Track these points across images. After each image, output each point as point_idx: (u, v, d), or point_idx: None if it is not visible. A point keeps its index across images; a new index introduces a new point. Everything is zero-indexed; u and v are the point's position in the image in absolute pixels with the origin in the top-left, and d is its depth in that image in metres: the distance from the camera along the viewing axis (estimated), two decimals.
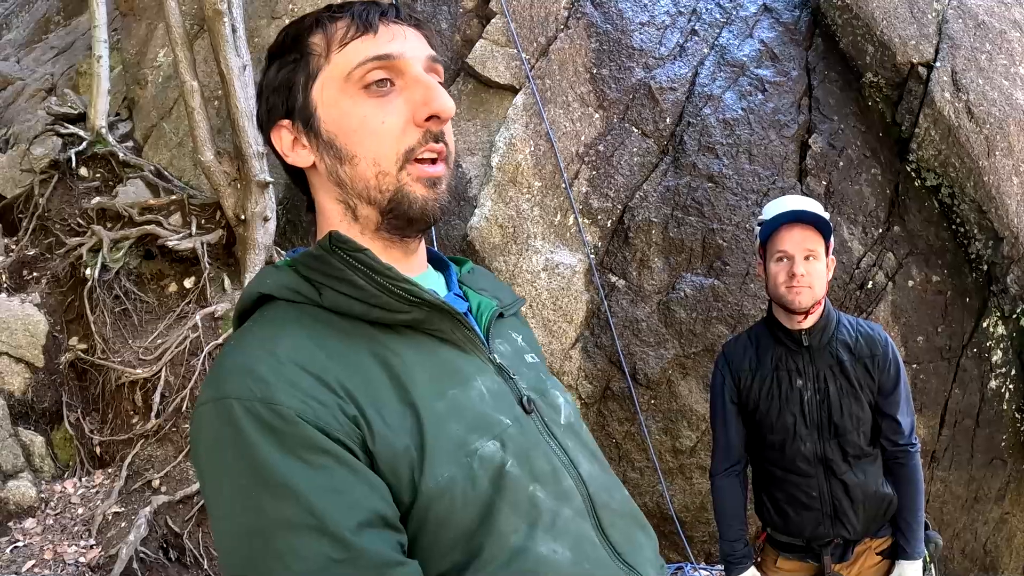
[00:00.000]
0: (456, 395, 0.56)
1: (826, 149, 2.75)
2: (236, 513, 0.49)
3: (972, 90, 2.78)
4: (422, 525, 0.52)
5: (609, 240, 2.55)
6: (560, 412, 0.65)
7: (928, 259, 2.78)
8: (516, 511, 0.54)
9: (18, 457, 2.67)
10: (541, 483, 0.56)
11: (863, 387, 1.47)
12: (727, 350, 1.60)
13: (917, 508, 1.51)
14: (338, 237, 0.56)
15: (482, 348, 0.61)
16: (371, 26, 0.58)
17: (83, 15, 4.48)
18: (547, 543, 0.55)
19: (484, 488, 0.53)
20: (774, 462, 1.52)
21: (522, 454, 0.57)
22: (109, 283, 3.19)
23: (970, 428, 2.74)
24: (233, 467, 0.49)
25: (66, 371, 3.02)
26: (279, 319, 0.56)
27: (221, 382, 0.52)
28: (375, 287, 0.55)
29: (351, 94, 0.57)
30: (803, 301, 1.43)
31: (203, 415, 0.52)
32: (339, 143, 0.58)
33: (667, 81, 2.75)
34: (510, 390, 0.61)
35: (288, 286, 0.58)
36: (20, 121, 4.37)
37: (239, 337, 0.56)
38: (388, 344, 0.56)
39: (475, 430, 0.55)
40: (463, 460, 0.53)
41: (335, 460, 0.49)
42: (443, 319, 0.58)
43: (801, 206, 1.47)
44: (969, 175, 2.74)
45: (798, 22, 3.00)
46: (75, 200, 3.54)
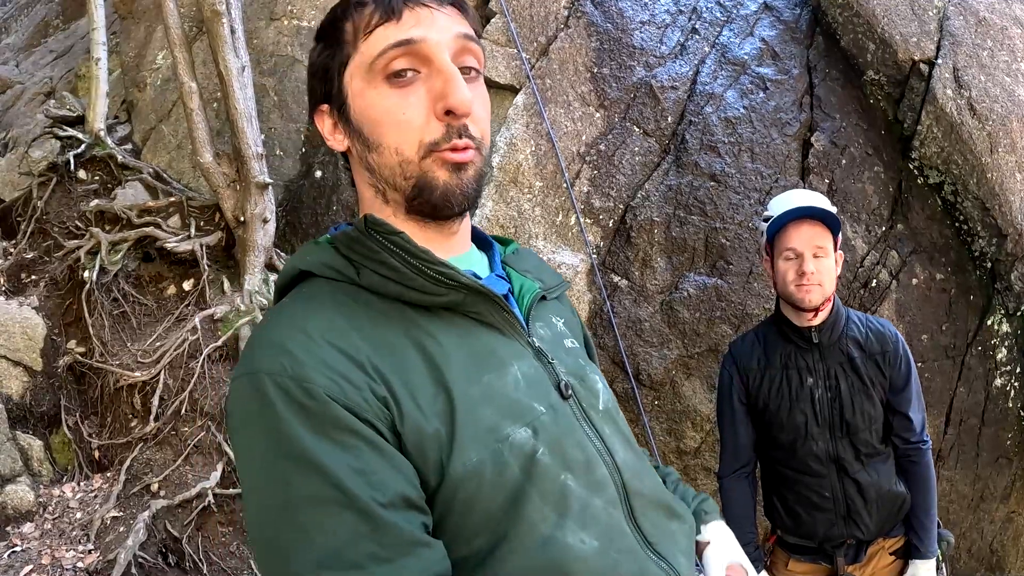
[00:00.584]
0: (491, 380, 0.55)
1: (828, 147, 2.74)
2: (264, 486, 0.49)
3: (974, 87, 2.77)
4: (448, 508, 0.52)
5: (611, 240, 2.54)
6: (599, 397, 0.64)
7: (932, 257, 2.77)
8: (546, 500, 0.54)
9: (16, 461, 2.65)
10: (573, 472, 0.56)
11: (875, 384, 1.44)
12: (734, 349, 1.58)
13: (930, 506, 1.48)
14: (373, 220, 0.56)
15: (521, 331, 0.60)
16: (394, 11, 0.57)
17: (82, 19, 4.47)
18: (575, 533, 0.54)
19: (514, 475, 0.53)
20: (784, 462, 1.50)
21: (555, 442, 0.56)
22: (107, 286, 3.17)
23: (975, 427, 2.72)
24: (262, 440, 0.49)
25: (64, 374, 3.01)
26: (315, 296, 0.57)
27: (254, 356, 0.52)
28: (411, 269, 0.55)
29: (375, 84, 0.57)
30: (813, 299, 1.41)
31: (236, 389, 0.52)
32: (366, 132, 0.58)
33: (668, 80, 2.74)
34: (548, 375, 0.60)
35: (327, 264, 0.58)
36: (19, 124, 4.36)
37: (275, 313, 0.56)
38: (425, 326, 0.55)
39: (508, 416, 0.54)
40: (494, 446, 0.53)
41: (362, 440, 0.49)
42: (481, 301, 0.58)
43: (809, 201, 1.45)
44: (972, 172, 2.73)
45: (799, 20, 2.99)
46: (74, 203, 3.53)
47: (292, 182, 3.04)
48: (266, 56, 3.13)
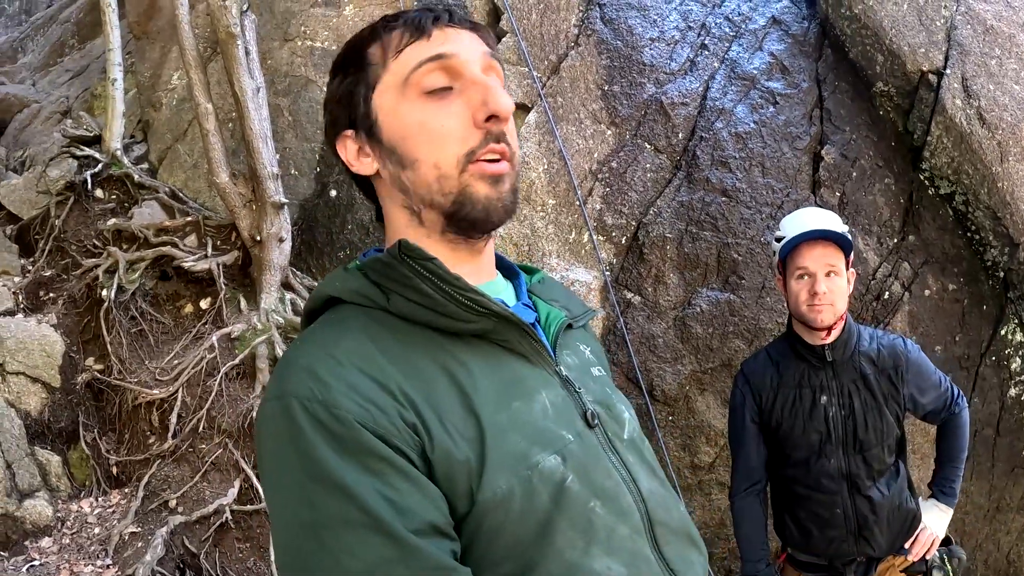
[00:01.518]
0: (519, 408, 0.56)
1: (839, 160, 2.75)
2: (292, 508, 0.49)
3: (983, 96, 2.77)
4: (476, 534, 0.52)
5: (624, 257, 2.56)
6: (624, 427, 0.64)
7: (944, 268, 2.77)
8: (574, 527, 0.54)
9: (34, 476, 2.69)
10: (601, 499, 0.56)
11: (888, 399, 1.46)
12: (747, 369, 1.60)
13: (954, 456, 1.55)
14: (407, 245, 0.56)
15: (549, 360, 0.61)
16: (424, 31, 0.58)
17: (97, 39, 4.55)
18: (602, 559, 0.55)
19: (543, 503, 0.53)
20: (797, 480, 1.51)
21: (583, 470, 0.56)
22: (125, 304, 3.22)
23: (990, 437, 2.71)
24: (292, 463, 0.49)
25: (82, 391, 3.05)
26: (343, 322, 0.57)
27: (284, 380, 0.52)
28: (443, 296, 0.55)
29: (410, 99, 0.58)
30: (825, 319, 1.42)
31: (266, 412, 0.53)
32: (400, 149, 0.58)
33: (678, 96, 2.76)
34: (574, 404, 0.60)
35: (356, 290, 0.58)
36: (36, 143, 4.44)
37: (304, 338, 0.57)
38: (454, 352, 0.56)
39: (537, 443, 0.55)
40: (523, 473, 0.53)
41: (391, 467, 0.49)
42: (510, 330, 0.58)
43: (820, 222, 1.47)
44: (983, 181, 2.73)
45: (807, 33, 3.01)
46: (91, 221, 3.59)
47: (307, 201, 3.08)
48: (280, 77, 3.18)
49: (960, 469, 1.54)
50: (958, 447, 1.54)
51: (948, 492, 1.54)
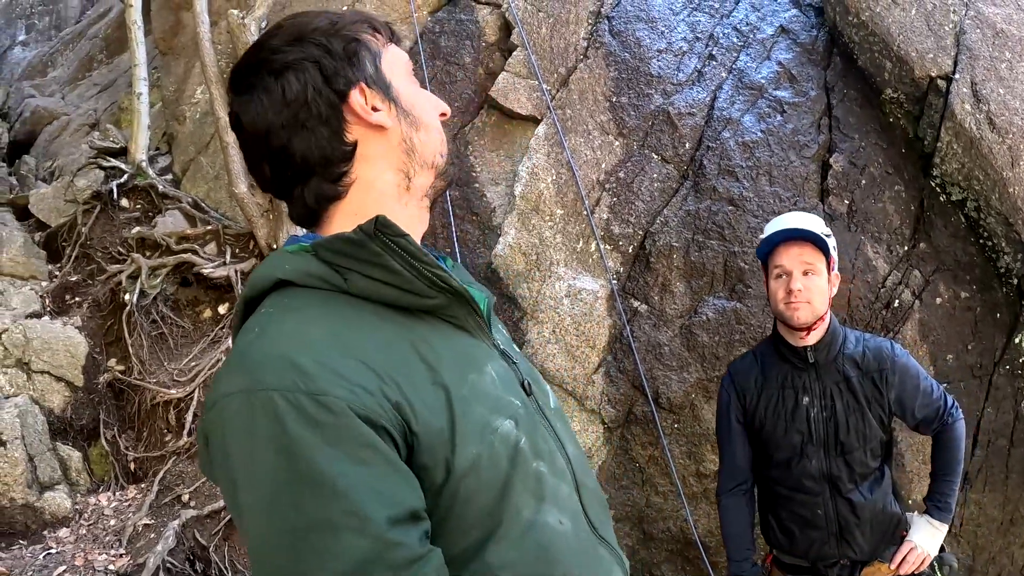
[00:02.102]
0: (475, 379, 0.58)
1: (847, 168, 2.75)
2: (274, 511, 0.48)
3: (993, 100, 2.75)
4: (452, 502, 0.54)
5: (631, 265, 2.59)
6: (549, 397, 0.70)
7: (956, 275, 2.75)
8: (527, 486, 0.57)
9: (55, 470, 2.81)
10: (543, 460, 0.60)
11: (871, 403, 1.46)
12: (732, 369, 1.62)
13: (948, 470, 1.51)
14: (384, 222, 0.57)
15: (488, 335, 0.65)
16: (399, 39, 0.71)
17: (125, 54, 4.73)
18: (553, 514, 0.58)
19: (503, 465, 0.56)
20: (780, 481, 1.53)
21: (529, 433, 0.60)
22: (147, 308, 3.34)
23: (1004, 448, 2.68)
24: (272, 463, 0.48)
25: (104, 390, 3.18)
26: (307, 306, 0.55)
27: (254, 371, 0.50)
28: (411, 272, 0.57)
29: (412, 80, 0.69)
30: (802, 316, 1.44)
31: (231, 406, 0.50)
32: (415, 112, 0.66)
33: (686, 106, 2.79)
34: (514, 374, 0.65)
35: (311, 272, 0.57)
36: (65, 154, 4.62)
37: (264, 324, 0.54)
38: (414, 328, 0.58)
39: (494, 411, 0.58)
40: (488, 438, 0.56)
41: (377, 454, 0.49)
42: (461, 306, 0.61)
43: (798, 223, 1.49)
44: (994, 187, 2.70)
45: (815, 42, 3.02)
46: (116, 229, 3.73)
47: None
48: None
49: (955, 483, 1.50)
50: (952, 460, 1.50)
51: (942, 507, 1.50)
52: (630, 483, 2.46)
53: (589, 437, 2.42)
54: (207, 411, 0.53)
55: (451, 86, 2.92)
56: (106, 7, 5.78)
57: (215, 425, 0.52)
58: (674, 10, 3.01)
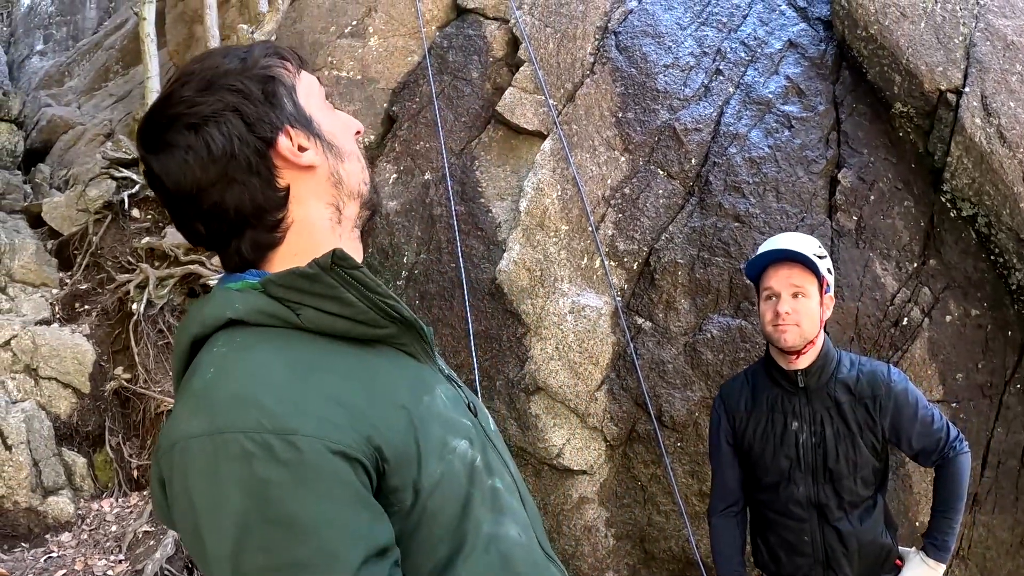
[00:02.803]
0: (428, 401, 0.60)
1: (856, 183, 2.73)
2: (243, 554, 0.47)
3: (1003, 114, 2.71)
4: (420, 522, 0.55)
5: (635, 282, 2.58)
6: (489, 420, 0.72)
7: (966, 292, 2.71)
8: (484, 501, 0.59)
9: (60, 475, 2.85)
10: (496, 477, 0.63)
11: (863, 430, 1.43)
12: (723, 391, 1.61)
13: (947, 507, 1.44)
14: (340, 255, 0.57)
15: (435, 360, 0.67)
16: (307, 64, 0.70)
17: (140, 65, 4.80)
18: (511, 527, 0.60)
19: (462, 482, 0.58)
20: (768, 505, 1.51)
21: (482, 451, 0.63)
22: (153, 318, 3.39)
23: (1014, 469, 2.64)
24: (239, 506, 0.47)
25: (110, 398, 3.23)
26: (262, 343, 0.55)
27: (215, 414, 0.49)
28: (366, 303, 0.58)
29: (326, 106, 0.68)
30: (789, 339, 1.41)
31: (194, 449, 0.49)
32: (337, 143, 0.65)
33: (692, 122, 2.78)
34: (461, 397, 0.67)
35: (262, 310, 0.56)
36: (79, 163, 4.70)
37: (221, 363, 0.53)
38: (366, 359, 0.58)
39: (449, 431, 0.60)
40: (447, 457, 0.58)
41: (348, 491, 0.49)
42: (409, 334, 0.63)
43: (788, 244, 1.47)
44: (1005, 202, 2.67)
45: (824, 56, 3.00)
46: (126, 239, 3.79)
47: None
48: None
49: (955, 521, 1.43)
50: (953, 496, 1.43)
51: (940, 546, 1.43)
52: (632, 501, 2.45)
53: (591, 455, 2.42)
54: (163, 453, 0.52)
55: (458, 101, 2.94)
56: (123, 19, 5.88)
57: (175, 468, 0.50)
58: (681, 25, 3.01)
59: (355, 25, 3.31)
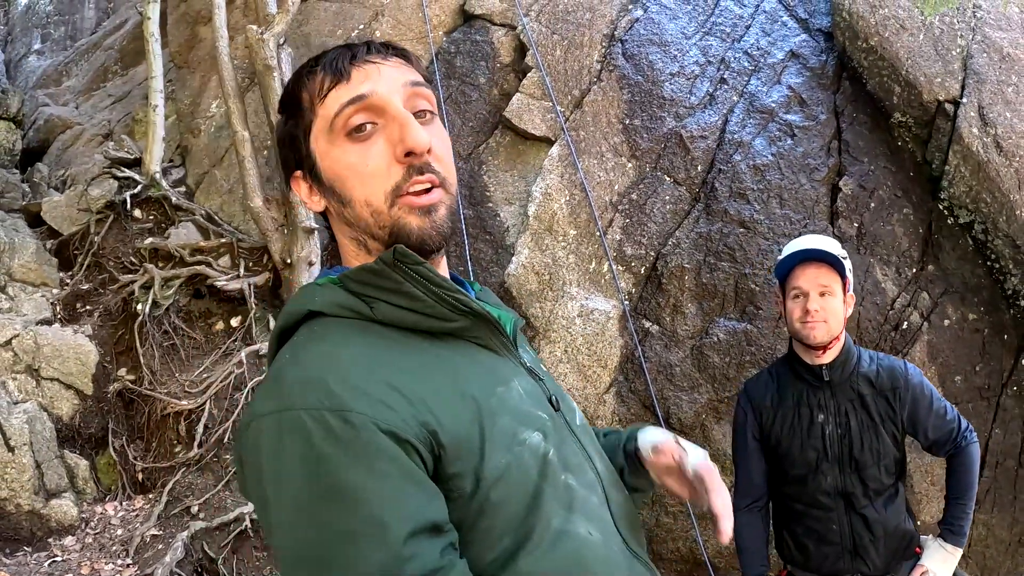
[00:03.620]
0: (502, 392, 0.60)
1: (857, 191, 2.79)
2: (300, 525, 0.50)
3: (1000, 124, 2.78)
4: (481, 511, 0.55)
5: (643, 286, 2.62)
6: (576, 414, 0.71)
7: (964, 297, 2.77)
8: (557, 496, 0.59)
9: (62, 478, 2.81)
10: (572, 473, 0.62)
11: (884, 421, 1.50)
12: (748, 387, 1.65)
13: (961, 493, 1.52)
14: (402, 251, 0.58)
15: (514, 353, 0.67)
16: (343, 73, 0.61)
17: (139, 66, 4.78)
18: (583, 524, 0.59)
19: (532, 475, 0.58)
20: (795, 497, 1.55)
21: (557, 446, 0.62)
22: (159, 319, 3.36)
23: (1012, 469, 2.69)
24: (297, 479, 0.50)
25: (113, 400, 3.19)
26: (335, 333, 0.58)
27: (284, 394, 0.53)
28: (432, 297, 0.59)
29: (338, 143, 0.61)
30: (818, 336, 1.47)
31: (263, 426, 0.52)
32: (338, 188, 0.62)
33: (697, 129, 2.83)
34: (541, 390, 0.66)
35: (339, 303, 0.59)
36: (78, 163, 4.66)
37: (296, 351, 0.57)
38: (438, 351, 0.60)
39: (522, 423, 0.59)
40: (516, 449, 0.57)
41: (397, 467, 0.51)
42: (484, 327, 0.63)
43: (815, 245, 1.52)
44: (1001, 209, 2.73)
45: (825, 66, 3.06)
46: (128, 240, 3.76)
47: None
48: None
49: (969, 507, 1.51)
50: (966, 483, 1.52)
51: (956, 531, 1.51)
52: (640, 503, 2.47)
53: None
54: (241, 432, 0.56)
55: (466, 106, 2.96)
56: (122, 19, 5.85)
57: (249, 446, 0.54)
58: (686, 34, 3.06)
59: (362, 29, 3.33)
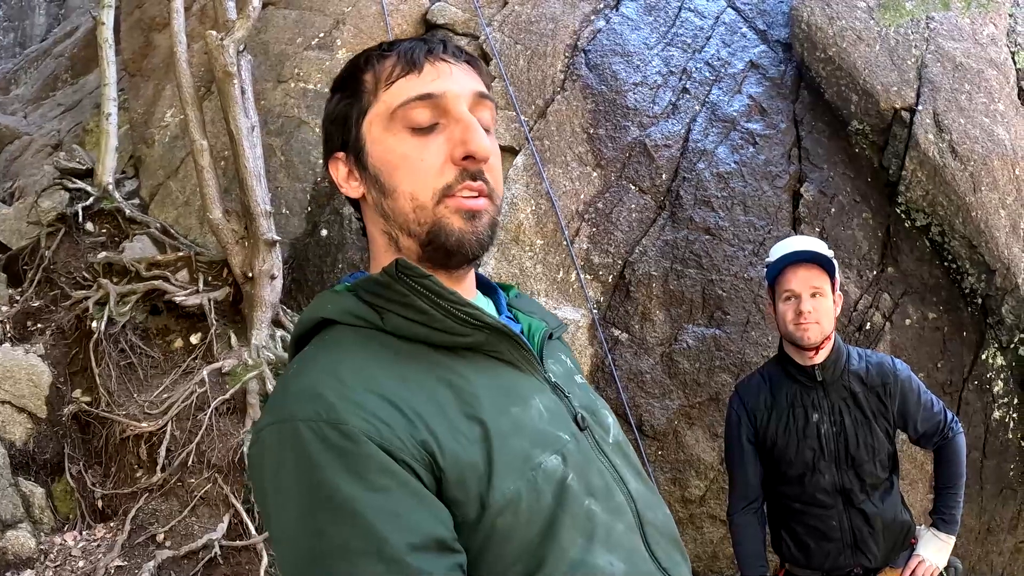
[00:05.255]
0: (518, 413, 0.57)
1: (817, 197, 2.84)
2: (299, 536, 0.49)
3: (954, 130, 2.88)
4: (488, 538, 0.52)
5: (611, 295, 2.61)
6: (609, 431, 0.66)
7: (923, 297, 2.84)
8: (576, 525, 0.55)
9: (17, 507, 2.65)
10: (596, 498, 0.58)
11: (877, 417, 1.52)
12: (741, 390, 1.65)
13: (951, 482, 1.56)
14: (404, 264, 0.57)
15: (538, 368, 0.63)
16: (416, 64, 0.60)
17: (90, 74, 4.61)
18: (604, 555, 0.55)
19: (548, 502, 0.54)
20: (793, 496, 1.56)
21: (580, 469, 0.58)
22: (115, 336, 3.21)
23: (977, 460, 2.77)
24: (296, 489, 0.49)
25: (69, 423, 3.02)
26: (342, 343, 0.57)
27: (285, 405, 0.52)
28: (440, 311, 0.57)
29: (395, 132, 0.59)
30: (812, 336, 1.48)
31: (265, 438, 0.52)
32: (382, 177, 0.60)
33: (661, 138, 2.84)
34: (566, 408, 0.62)
35: (350, 311, 0.59)
36: (26, 175, 4.45)
37: (301, 362, 0.57)
38: (451, 366, 0.57)
39: (538, 445, 0.56)
40: (528, 474, 0.54)
41: (397, 482, 0.50)
42: (502, 340, 0.60)
43: (805, 246, 1.54)
44: (957, 212, 2.82)
45: (784, 76, 3.12)
46: (81, 254, 3.59)
47: (298, 240, 3.11)
48: (273, 117, 3.24)
49: (959, 496, 1.55)
50: (954, 473, 1.55)
51: (948, 520, 1.55)
52: None
53: None
54: (251, 446, 0.56)
55: None
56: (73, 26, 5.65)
57: (254, 457, 0.54)
58: (648, 45, 3.09)
59: (322, 37, 3.27)
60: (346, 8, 3.32)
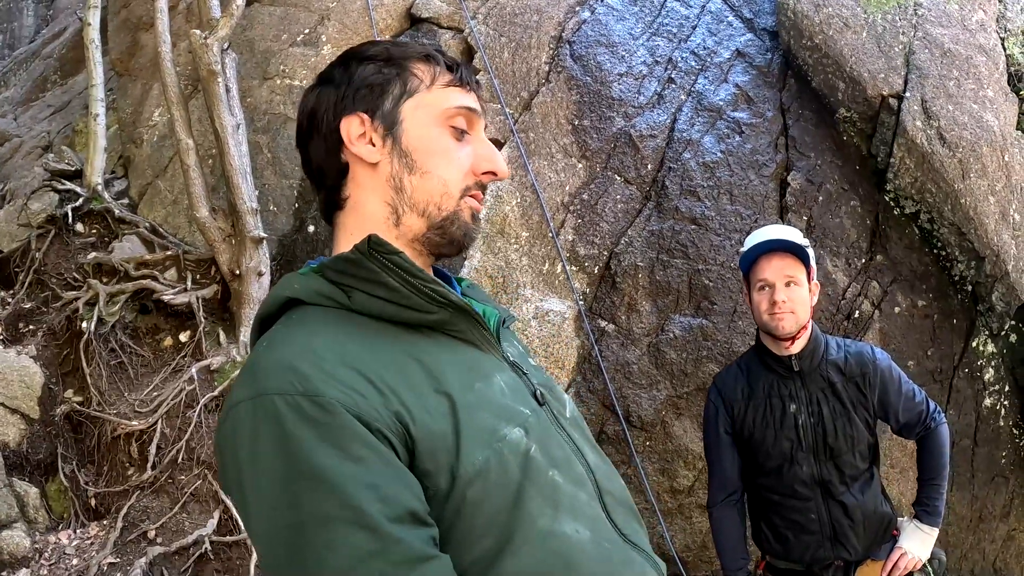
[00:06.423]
0: (481, 388, 0.59)
1: (805, 185, 2.83)
2: (275, 509, 0.49)
3: (943, 116, 2.86)
4: (459, 510, 0.54)
5: (597, 286, 2.60)
6: (566, 406, 0.70)
7: (913, 285, 2.83)
8: (541, 494, 0.57)
9: (12, 508, 2.66)
10: (559, 469, 0.60)
11: (856, 406, 1.49)
12: (718, 381, 1.63)
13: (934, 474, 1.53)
14: (376, 241, 0.60)
15: (497, 347, 0.66)
16: (469, 84, 0.69)
17: (79, 75, 4.60)
18: (570, 523, 0.57)
19: (514, 473, 0.56)
20: (772, 488, 1.54)
21: (541, 441, 0.60)
22: (105, 336, 3.22)
23: (968, 448, 2.76)
24: (272, 462, 0.50)
25: (61, 423, 3.03)
26: (311, 321, 0.58)
27: (258, 380, 0.53)
28: (408, 288, 0.59)
29: (440, 125, 0.66)
30: (786, 326, 1.47)
31: (239, 413, 0.52)
32: (417, 156, 0.64)
33: (647, 129, 2.83)
34: (525, 385, 0.65)
35: (317, 291, 0.61)
36: (16, 177, 4.44)
37: (272, 338, 0.58)
38: (416, 343, 0.59)
39: (502, 418, 0.58)
40: (495, 445, 0.56)
41: (374, 452, 0.50)
42: (464, 319, 0.63)
43: (778, 235, 1.52)
44: (946, 199, 2.81)
45: (770, 65, 3.11)
46: (71, 255, 3.59)
47: (286, 236, 3.11)
48: (259, 114, 3.23)
49: (942, 487, 1.52)
50: (938, 464, 1.53)
51: (931, 512, 1.52)
52: None
53: None
54: (220, 424, 0.55)
55: None
56: (61, 27, 5.64)
57: (226, 434, 0.54)
58: (634, 35, 3.07)
59: (307, 33, 3.26)
60: (331, 3, 3.31)
